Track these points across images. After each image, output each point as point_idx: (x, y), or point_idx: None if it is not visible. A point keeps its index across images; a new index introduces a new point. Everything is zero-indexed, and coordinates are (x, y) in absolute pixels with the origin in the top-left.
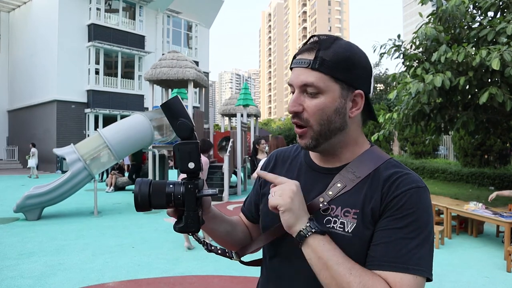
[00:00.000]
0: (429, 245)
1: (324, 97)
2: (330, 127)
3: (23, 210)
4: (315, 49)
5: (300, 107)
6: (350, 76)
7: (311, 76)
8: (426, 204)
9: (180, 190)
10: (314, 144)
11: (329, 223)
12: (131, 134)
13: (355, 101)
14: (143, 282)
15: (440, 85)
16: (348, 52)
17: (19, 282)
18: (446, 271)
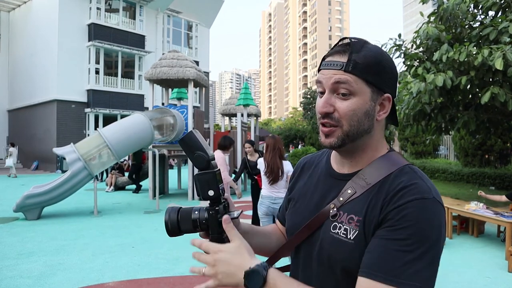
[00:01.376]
0: (429, 261)
1: (356, 99)
2: (360, 129)
3: (23, 209)
4: (348, 51)
5: (332, 108)
6: (380, 80)
7: (342, 76)
8: (431, 216)
9: (204, 215)
10: (340, 144)
11: (335, 228)
12: (131, 134)
13: (383, 104)
14: (143, 282)
15: (441, 85)
16: (379, 56)
17: (18, 282)
18: (448, 271)
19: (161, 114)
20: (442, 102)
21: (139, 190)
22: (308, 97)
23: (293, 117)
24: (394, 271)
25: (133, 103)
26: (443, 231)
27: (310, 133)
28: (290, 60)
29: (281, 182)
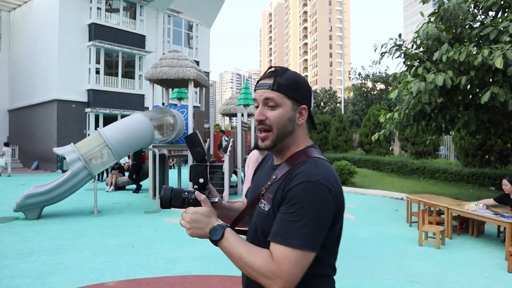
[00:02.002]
0: (311, 227)
1: (281, 109)
2: (285, 131)
3: (23, 209)
4: (273, 76)
5: (264, 116)
6: (297, 95)
7: (271, 94)
8: (312, 195)
9: (192, 196)
10: (272, 145)
11: (260, 204)
12: (132, 134)
13: (301, 113)
14: (143, 282)
15: (441, 84)
16: (296, 79)
17: (18, 282)
18: (447, 271)
19: (161, 114)
20: (442, 102)
21: (139, 190)
22: None
23: None
24: (286, 234)
25: (133, 103)
26: (326, 204)
27: (311, 133)
28: (291, 60)
29: None
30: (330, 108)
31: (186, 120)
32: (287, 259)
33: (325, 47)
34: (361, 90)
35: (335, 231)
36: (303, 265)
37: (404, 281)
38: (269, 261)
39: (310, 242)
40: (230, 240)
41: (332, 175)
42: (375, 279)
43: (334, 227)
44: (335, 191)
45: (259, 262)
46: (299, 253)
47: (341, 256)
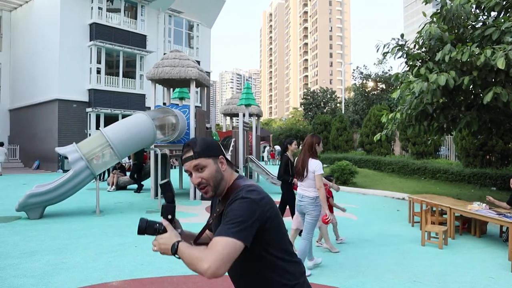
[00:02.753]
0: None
1: (207, 168)
2: (217, 180)
3: (25, 209)
4: (190, 149)
5: (199, 179)
6: (212, 152)
7: (195, 161)
8: (238, 206)
9: (162, 227)
10: (213, 194)
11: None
12: (134, 133)
13: (222, 162)
14: (147, 281)
15: (444, 84)
16: (205, 143)
17: (21, 281)
18: (450, 271)
19: (163, 113)
20: (444, 102)
21: (140, 190)
22: (308, 98)
23: (294, 117)
24: (220, 231)
25: (134, 103)
26: (248, 210)
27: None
28: (291, 60)
29: (307, 180)
30: (330, 108)
31: (187, 120)
32: (217, 244)
33: (326, 47)
34: (362, 90)
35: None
36: (230, 250)
37: (407, 281)
38: (205, 249)
39: (235, 233)
40: (182, 249)
41: (255, 191)
42: (378, 279)
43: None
44: (258, 200)
45: (198, 252)
46: (227, 240)
47: (344, 256)
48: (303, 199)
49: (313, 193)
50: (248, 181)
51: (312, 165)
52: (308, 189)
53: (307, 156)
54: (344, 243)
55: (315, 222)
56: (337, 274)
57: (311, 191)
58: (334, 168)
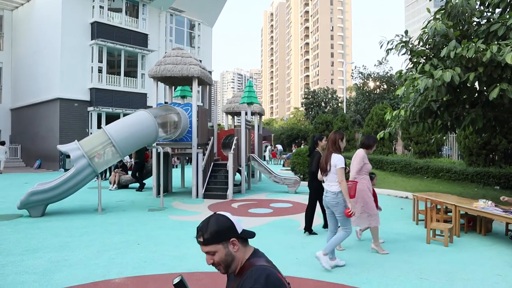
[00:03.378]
0: None
1: (218, 253)
2: (228, 262)
3: (27, 206)
4: (201, 235)
5: (212, 261)
6: (222, 238)
7: (206, 248)
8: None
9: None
10: (225, 272)
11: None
12: (136, 131)
13: (234, 243)
14: (150, 278)
15: (449, 80)
16: (215, 227)
17: (24, 278)
18: (457, 269)
19: (166, 111)
20: (448, 100)
21: (142, 189)
22: (309, 98)
23: (295, 116)
24: None
25: (135, 102)
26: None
27: (313, 132)
28: (292, 60)
29: (331, 175)
30: (332, 108)
31: (190, 118)
32: None
33: (327, 47)
34: (363, 89)
35: None
36: None
37: (413, 277)
38: None
39: None
40: None
41: (262, 277)
42: (384, 276)
43: None
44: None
45: None
46: None
47: (350, 252)
48: (327, 194)
49: (335, 187)
50: (261, 260)
51: (334, 159)
52: (331, 183)
53: (330, 151)
54: (349, 242)
55: (343, 215)
56: (343, 271)
57: (333, 185)
58: None
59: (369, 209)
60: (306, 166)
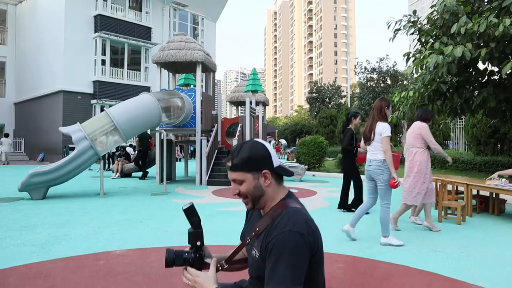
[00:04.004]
0: (290, 270)
1: (245, 183)
2: (255, 196)
3: (28, 188)
4: (231, 159)
5: (237, 191)
6: (254, 167)
7: (233, 175)
8: (285, 243)
9: (191, 256)
10: (252, 207)
11: (252, 250)
12: (139, 113)
13: (266, 176)
14: (151, 250)
15: (460, 56)
16: (248, 154)
17: (22, 249)
18: (472, 244)
19: (169, 95)
20: (458, 81)
21: (145, 177)
22: (313, 93)
23: (299, 114)
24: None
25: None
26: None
27: (317, 127)
28: (295, 59)
29: (374, 143)
30: (336, 104)
31: (194, 104)
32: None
33: (330, 45)
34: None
35: (314, 262)
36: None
37: (428, 250)
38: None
39: (293, 281)
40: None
41: (302, 220)
42: (397, 249)
43: (313, 259)
44: (307, 233)
45: None
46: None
47: (361, 229)
48: (371, 163)
49: (380, 155)
50: (295, 202)
51: (380, 127)
52: (375, 152)
53: (375, 119)
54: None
55: (386, 186)
56: (356, 244)
57: (378, 154)
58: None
59: (428, 183)
60: (311, 156)
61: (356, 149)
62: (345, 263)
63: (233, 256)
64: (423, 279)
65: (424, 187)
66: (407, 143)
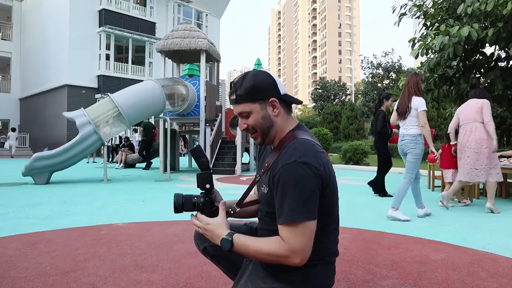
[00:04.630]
0: (300, 200)
1: (252, 115)
2: (265, 127)
3: (32, 173)
4: (234, 90)
5: (245, 125)
6: (259, 96)
7: (239, 107)
8: (290, 174)
9: (201, 200)
10: (262, 141)
11: (261, 187)
12: (143, 98)
13: (273, 105)
14: (153, 223)
15: (466, 35)
16: (251, 83)
17: (24, 221)
18: (481, 219)
19: (173, 82)
20: (464, 65)
21: (149, 167)
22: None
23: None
24: (283, 214)
25: None
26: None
27: (321, 123)
28: (300, 58)
29: (410, 117)
30: (340, 101)
31: (198, 93)
32: (292, 234)
33: (335, 44)
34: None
35: (327, 195)
36: (308, 234)
37: (435, 224)
38: (280, 244)
39: (304, 213)
40: (240, 244)
41: (309, 151)
42: (404, 223)
43: (325, 192)
44: (313, 164)
45: (273, 248)
46: (302, 224)
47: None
48: (404, 138)
49: (414, 130)
50: (304, 133)
51: (415, 101)
52: (409, 126)
53: (411, 94)
54: (368, 200)
55: (416, 160)
56: (361, 218)
57: (413, 128)
58: (346, 148)
59: (493, 160)
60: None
61: (391, 130)
62: (351, 234)
63: (244, 197)
64: (432, 246)
65: (479, 164)
66: (464, 118)
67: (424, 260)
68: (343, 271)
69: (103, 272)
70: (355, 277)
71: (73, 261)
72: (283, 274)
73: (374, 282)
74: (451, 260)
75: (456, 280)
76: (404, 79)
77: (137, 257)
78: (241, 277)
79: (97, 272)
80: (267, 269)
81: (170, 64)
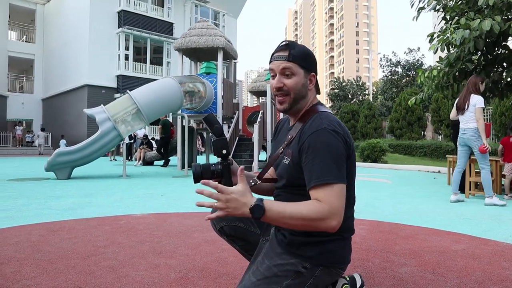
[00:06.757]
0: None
1: (295, 77)
2: (299, 95)
3: (54, 168)
4: (288, 49)
5: (282, 84)
6: (308, 65)
7: (287, 64)
8: (322, 140)
9: (219, 167)
10: (289, 107)
11: (283, 158)
12: (161, 96)
13: (311, 79)
14: (172, 215)
15: (488, 29)
16: (306, 51)
17: (46, 212)
18: (504, 213)
19: (191, 80)
20: (486, 59)
21: (167, 165)
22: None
23: None
24: (319, 176)
25: None
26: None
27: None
28: (317, 57)
29: (467, 113)
30: (358, 100)
31: (215, 90)
32: (332, 194)
33: (352, 43)
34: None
35: (348, 166)
36: (343, 196)
37: (456, 218)
38: (319, 205)
39: (339, 176)
40: (274, 209)
41: (335, 121)
42: (422, 215)
43: (348, 162)
44: (341, 133)
45: (312, 211)
46: (337, 186)
47: (383, 202)
48: (465, 132)
49: (473, 124)
50: (326, 108)
51: (474, 99)
52: (469, 121)
53: (470, 92)
54: (384, 195)
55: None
56: (379, 212)
57: (471, 123)
58: (364, 146)
59: None
60: None
61: None
62: (369, 225)
63: (266, 171)
64: (451, 237)
65: None
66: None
67: (443, 250)
68: (360, 258)
69: (122, 257)
70: (372, 264)
71: (93, 246)
72: (301, 250)
73: (392, 269)
74: (471, 250)
75: (477, 269)
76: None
77: (155, 244)
78: (257, 255)
79: (117, 256)
80: (284, 245)
81: (188, 63)
